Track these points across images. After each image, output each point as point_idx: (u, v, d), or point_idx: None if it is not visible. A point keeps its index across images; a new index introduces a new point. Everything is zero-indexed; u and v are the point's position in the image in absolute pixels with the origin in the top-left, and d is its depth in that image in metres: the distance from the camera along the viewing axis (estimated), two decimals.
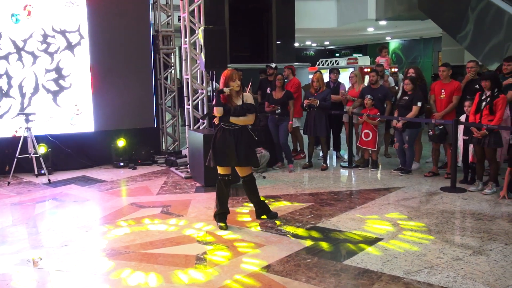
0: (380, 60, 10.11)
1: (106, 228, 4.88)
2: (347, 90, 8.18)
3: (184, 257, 4.04)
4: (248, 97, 4.77)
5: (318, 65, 16.12)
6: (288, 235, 4.55)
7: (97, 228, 4.93)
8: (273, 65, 8.53)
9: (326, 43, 25.35)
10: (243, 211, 5.40)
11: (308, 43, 25.01)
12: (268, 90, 8.19)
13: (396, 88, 8.61)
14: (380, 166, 7.64)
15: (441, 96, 6.81)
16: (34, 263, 3.98)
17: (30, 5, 7.39)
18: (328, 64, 15.84)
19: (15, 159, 6.86)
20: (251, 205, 5.31)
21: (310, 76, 10.59)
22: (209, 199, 5.91)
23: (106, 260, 4.03)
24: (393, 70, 10.78)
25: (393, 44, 23.18)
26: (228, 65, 9.33)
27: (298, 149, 8.83)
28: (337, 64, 15.35)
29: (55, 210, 5.64)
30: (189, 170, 7.30)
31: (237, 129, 4.68)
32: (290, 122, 7.37)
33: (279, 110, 7.35)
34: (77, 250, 4.27)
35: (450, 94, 6.72)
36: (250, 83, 7.75)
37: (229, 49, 11.47)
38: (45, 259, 4.07)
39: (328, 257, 4.00)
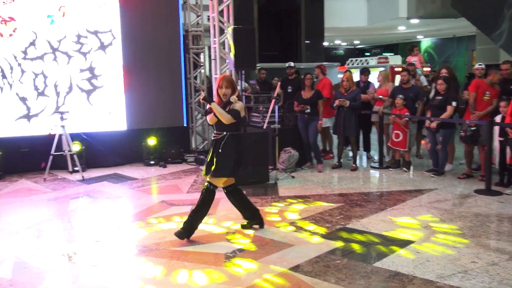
0: (411, 59, 9.92)
1: (137, 225, 4.96)
2: (376, 90, 8.07)
3: (214, 255, 4.06)
4: (237, 106, 4.38)
5: (348, 64, 15.95)
6: (317, 236, 4.52)
7: (128, 225, 5.02)
8: (292, 64, 8.48)
9: (356, 42, 25.06)
10: (272, 210, 5.40)
11: (337, 42, 24.78)
12: (290, 89, 8.18)
13: (428, 87, 8.43)
14: (411, 167, 7.51)
15: (485, 97, 6.59)
16: (68, 257, 4.09)
17: (64, 6, 7.58)
18: (358, 64, 15.65)
19: (51, 156, 7.05)
20: (281, 204, 5.31)
21: (340, 76, 10.51)
22: None
23: (137, 256, 4.09)
24: (424, 70, 10.57)
25: (425, 42, 22.70)
26: (257, 65, 9.36)
27: (328, 149, 8.76)
28: (367, 63, 15.15)
29: (88, 206, 5.78)
30: None
31: (218, 138, 4.41)
32: (319, 122, 7.32)
33: (308, 110, 7.30)
34: (109, 246, 4.35)
35: (495, 97, 6.50)
36: (279, 83, 7.75)
37: (258, 48, 11.50)
38: (78, 253, 4.17)
39: (358, 259, 3.96)
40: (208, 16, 8.00)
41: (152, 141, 8.22)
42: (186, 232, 4.39)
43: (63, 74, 7.68)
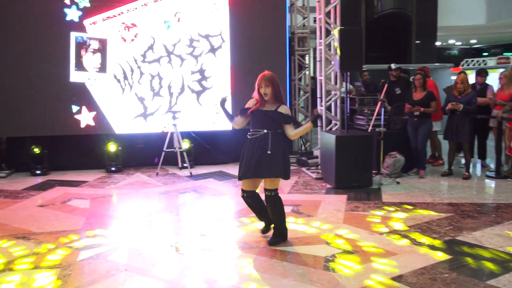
0: None
1: (240, 222, 5.11)
2: (495, 93, 7.42)
3: (313, 258, 4.05)
4: (283, 109, 4.27)
5: (463, 65, 14.89)
6: (424, 246, 4.28)
7: (231, 221, 5.20)
8: (393, 66, 8.11)
9: (473, 41, 23.32)
10: (376, 213, 5.23)
11: (451, 41, 23.27)
12: (398, 91, 7.85)
13: None
14: None
15: None
16: (176, 248, 4.35)
17: (179, 12, 8.07)
18: (474, 64, 14.53)
19: (163, 153, 7.57)
20: (384, 210, 5.12)
21: (453, 78, 9.86)
22: (339, 201, 5.84)
23: (238, 252, 4.22)
24: None
25: None
26: (364, 66, 9.14)
27: (436, 154, 8.27)
28: (485, 64, 14.00)
29: (195, 201, 6.09)
30: (320, 171, 7.30)
31: (259, 136, 4.22)
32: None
33: (418, 113, 6.95)
34: (213, 240, 4.55)
35: None
36: (386, 85, 7.48)
37: (365, 49, 11.22)
38: (185, 245, 4.41)
39: (468, 274, 3.68)
40: (315, 17, 7.98)
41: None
42: (281, 237, 4.40)
43: (176, 76, 8.19)
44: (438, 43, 16.98)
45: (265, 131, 4.19)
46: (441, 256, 4.04)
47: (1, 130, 7.80)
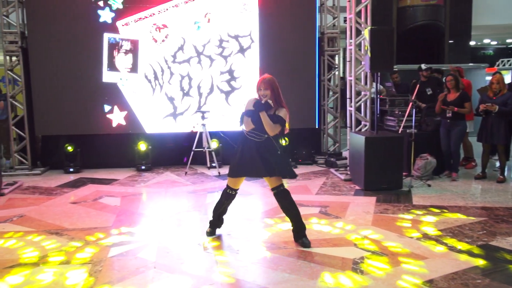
0: None
1: (267, 222, 5.11)
2: None
3: (341, 260, 4.01)
4: (281, 112, 4.36)
5: (498, 65, 14.47)
6: (455, 251, 4.18)
7: (259, 221, 5.20)
8: (423, 66, 7.94)
9: (509, 40, 22.62)
10: (406, 216, 5.14)
11: (486, 41, 22.65)
12: (430, 91, 7.68)
13: None
14: None
15: None
16: (203, 247, 4.38)
17: (210, 13, 8.14)
18: (510, 65, 14.11)
19: (192, 152, 7.65)
20: (414, 213, 5.03)
21: (488, 78, 9.59)
22: (368, 203, 5.77)
23: (266, 253, 4.22)
24: None
25: None
26: (394, 66, 9.00)
27: (469, 157, 8.06)
28: None
29: None
30: (348, 173, 7.23)
31: (262, 140, 4.31)
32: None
33: (450, 113, 6.79)
34: (240, 240, 4.56)
35: None
36: (418, 85, 7.34)
37: (396, 49, 11.05)
38: (212, 244, 4.44)
39: (502, 281, 3.57)
40: (345, 17, 7.91)
41: (284, 141, 8.40)
42: (301, 234, 4.40)
43: (205, 76, 8.25)
44: (472, 43, 16.55)
45: (266, 136, 4.30)
46: (473, 261, 3.93)
47: (37, 129, 8.05)
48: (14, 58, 7.88)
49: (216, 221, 4.71)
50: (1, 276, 3.76)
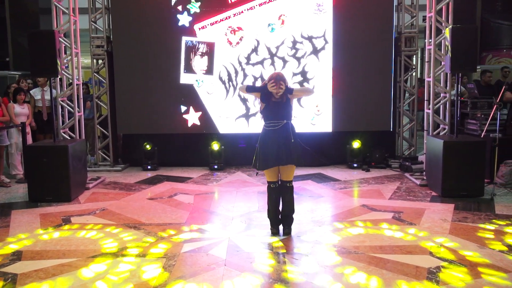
0: None
1: (337, 226, 5.04)
2: None
3: (415, 268, 3.85)
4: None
5: None
6: None
7: (329, 224, 5.14)
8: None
9: None
10: (487, 227, 4.83)
11: None
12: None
13: None
14: None
15: None
16: (272, 247, 4.41)
17: (284, 15, 8.17)
18: None
19: None
20: (497, 223, 4.71)
21: None
22: (446, 210, 5.49)
23: (335, 257, 4.16)
24: None
25: None
26: (478, 67, 8.49)
27: None
28: None
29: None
30: (424, 178, 6.93)
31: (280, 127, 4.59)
32: None
33: None
34: (310, 243, 4.53)
35: None
36: (504, 87, 6.88)
37: (479, 48, 10.42)
38: (281, 245, 4.45)
39: None
40: (424, 16, 7.59)
41: (356, 144, 8.24)
42: (289, 225, 4.80)
43: None
44: None
45: (285, 121, 4.60)
46: None
47: (119, 128, 8.54)
48: (100, 61, 8.44)
49: (276, 219, 4.81)
50: (86, 264, 4.04)
